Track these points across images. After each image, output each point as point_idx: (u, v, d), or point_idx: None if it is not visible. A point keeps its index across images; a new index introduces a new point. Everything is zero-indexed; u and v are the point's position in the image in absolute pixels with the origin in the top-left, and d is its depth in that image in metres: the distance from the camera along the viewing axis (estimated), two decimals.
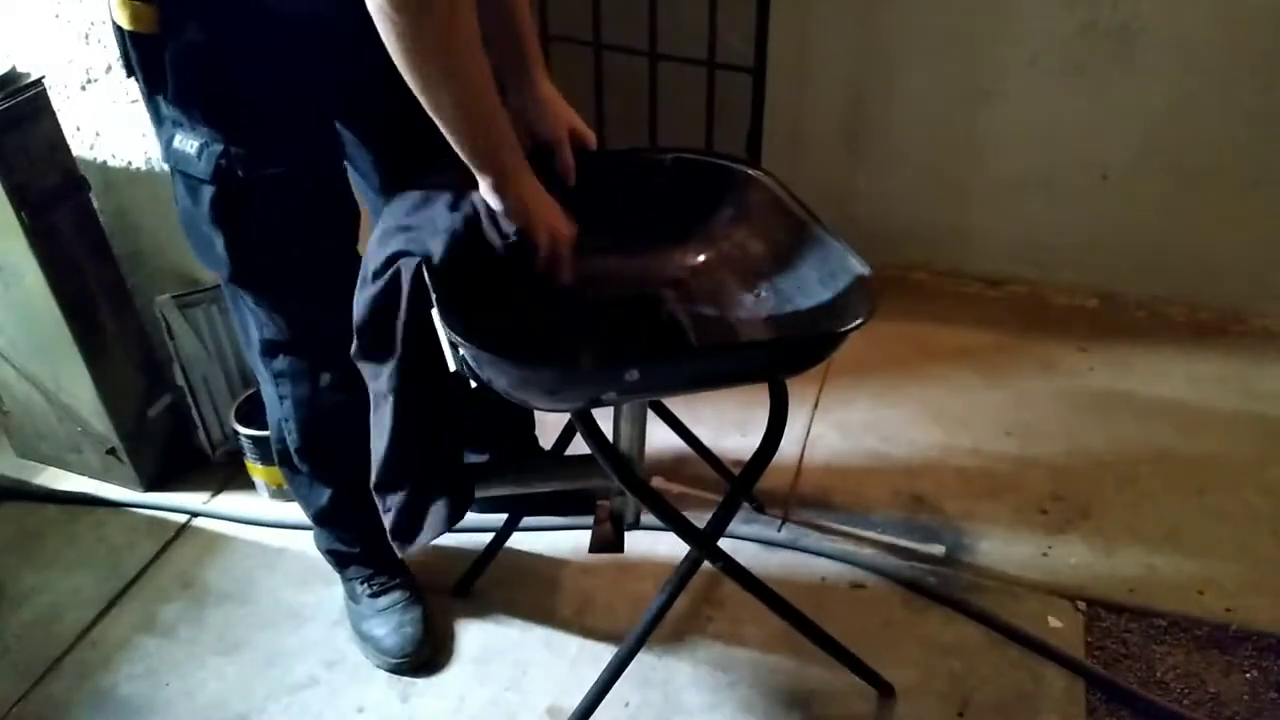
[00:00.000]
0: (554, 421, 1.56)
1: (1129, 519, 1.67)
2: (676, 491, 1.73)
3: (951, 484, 1.77)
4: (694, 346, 1.18)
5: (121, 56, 1.13)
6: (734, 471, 1.62)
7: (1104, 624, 1.49)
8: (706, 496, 1.71)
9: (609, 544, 1.31)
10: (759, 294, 1.20)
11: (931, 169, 2.26)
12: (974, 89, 2.14)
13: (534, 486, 1.37)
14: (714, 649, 1.47)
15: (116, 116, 1.63)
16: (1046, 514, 1.69)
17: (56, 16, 1.55)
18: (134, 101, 1.60)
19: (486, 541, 1.58)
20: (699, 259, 1.28)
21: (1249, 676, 1.41)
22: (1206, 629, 1.47)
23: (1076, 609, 1.52)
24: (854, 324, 0.99)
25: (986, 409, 1.95)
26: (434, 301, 1.02)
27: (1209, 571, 1.57)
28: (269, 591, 1.60)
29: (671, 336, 1.21)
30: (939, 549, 1.63)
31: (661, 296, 1.26)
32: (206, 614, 1.56)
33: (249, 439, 1.69)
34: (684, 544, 1.22)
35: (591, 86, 2.05)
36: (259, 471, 1.74)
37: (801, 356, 1.04)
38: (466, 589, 1.57)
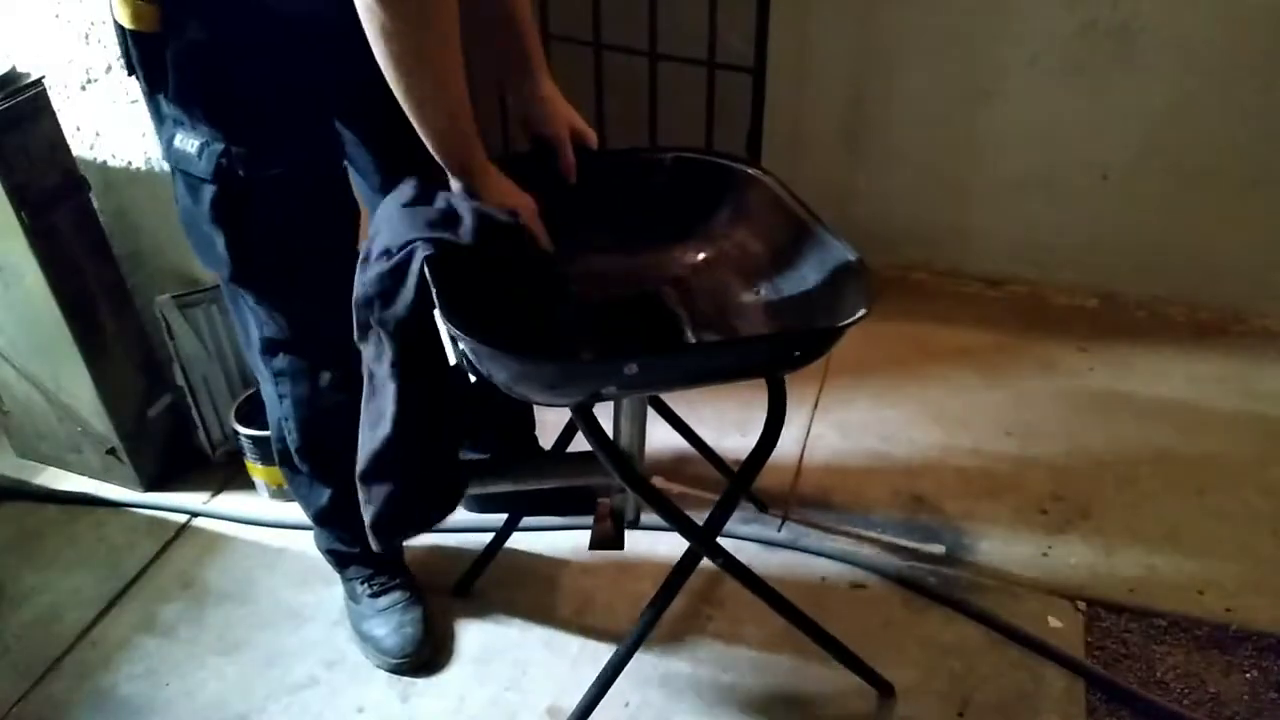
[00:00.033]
0: (554, 421, 1.56)
1: (1129, 519, 1.67)
2: (676, 491, 1.73)
3: (951, 484, 1.77)
4: (693, 341, 1.18)
5: (123, 55, 1.13)
6: (734, 470, 1.63)
7: (1104, 624, 1.49)
8: (707, 496, 1.70)
9: (609, 542, 1.31)
10: (759, 293, 1.20)
11: (931, 169, 2.26)
12: (974, 89, 2.14)
13: (534, 484, 1.37)
14: (714, 649, 1.47)
15: (116, 116, 1.63)
16: (1046, 514, 1.69)
17: (56, 16, 1.55)
18: (134, 101, 1.60)
19: (486, 541, 1.58)
20: (699, 258, 1.28)
21: (1249, 676, 1.41)
22: (1206, 629, 1.47)
23: (1076, 609, 1.52)
24: (852, 319, 0.99)
25: (986, 409, 1.95)
26: (434, 299, 1.01)
27: (1209, 571, 1.57)
28: (269, 591, 1.60)
29: (671, 335, 1.21)
30: (939, 549, 1.63)
31: (662, 295, 1.26)
32: (206, 614, 1.56)
33: (249, 439, 1.69)
34: (684, 544, 1.23)
35: (591, 86, 2.05)
36: (259, 471, 1.74)
37: (800, 351, 1.04)
38: (466, 589, 1.57)
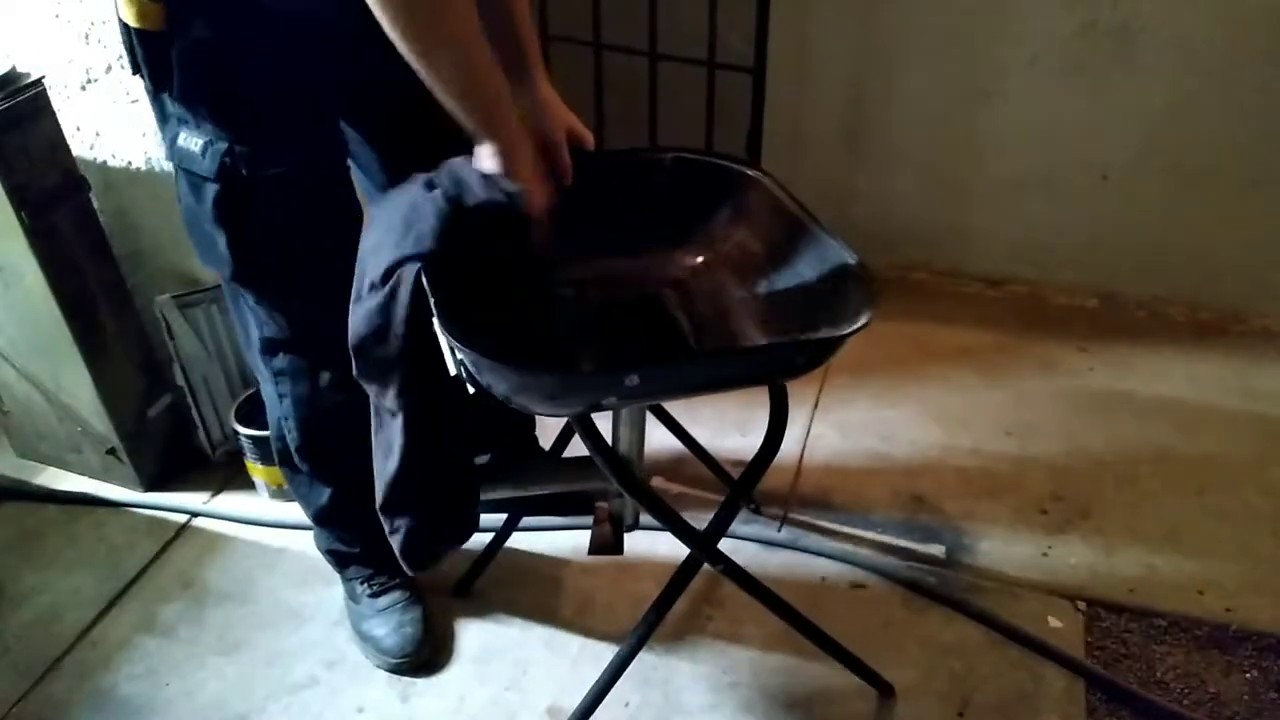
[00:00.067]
0: (554, 422, 1.56)
1: (1129, 519, 1.67)
2: (675, 492, 1.73)
3: (951, 484, 1.77)
4: (694, 352, 1.18)
5: (127, 54, 1.13)
6: (734, 472, 1.63)
7: (1104, 624, 1.49)
8: (706, 497, 1.71)
9: (608, 546, 1.31)
10: (759, 295, 1.20)
11: (931, 169, 2.26)
12: (974, 89, 2.14)
13: (533, 488, 1.37)
14: (714, 649, 1.47)
15: (116, 116, 1.63)
16: (1046, 514, 1.69)
17: (56, 16, 1.55)
18: (134, 101, 1.60)
19: (486, 541, 1.58)
20: (698, 259, 1.28)
21: (1249, 676, 1.41)
22: (1206, 629, 1.47)
23: (1076, 609, 1.52)
24: (854, 328, 0.99)
25: (986, 409, 1.95)
26: (433, 308, 1.01)
27: (1209, 571, 1.57)
28: (269, 591, 1.60)
29: (671, 339, 1.20)
30: (939, 549, 1.63)
31: (662, 298, 1.25)
32: (206, 614, 1.56)
33: (249, 439, 1.69)
34: (684, 544, 1.23)
35: (591, 86, 2.05)
36: (259, 471, 1.74)
37: (802, 360, 1.03)
38: (466, 589, 1.57)
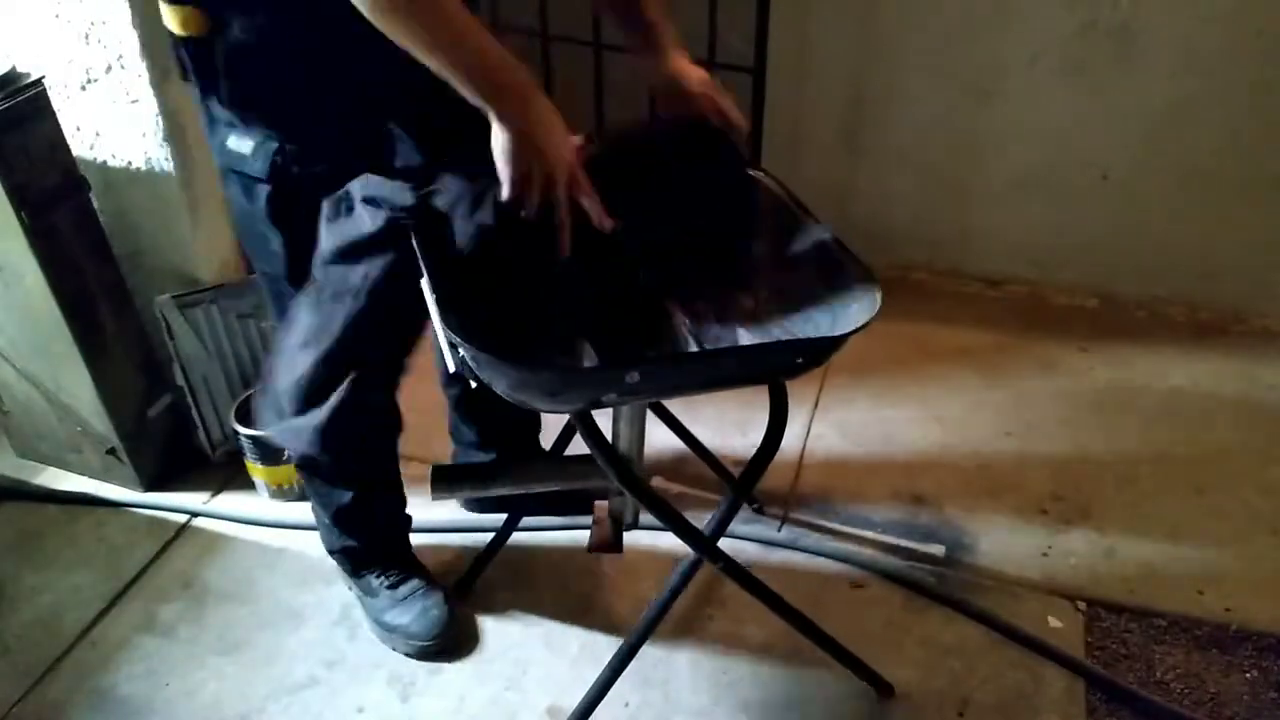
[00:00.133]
0: (554, 421, 1.56)
1: (1129, 519, 1.67)
2: (676, 491, 1.73)
3: (951, 484, 1.76)
4: (694, 350, 1.18)
5: (177, 64, 1.15)
6: (735, 472, 1.63)
7: (1104, 624, 1.49)
8: (706, 496, 1.71)
9: (607, 545, 1.31)
10: (759, 295, 1.20)
11: (931, 169, 2.26)
12: (974, 89, 2.13)
13: (533, 487, 1.37)
14: (714, 649, 1.47)
15: (116, 116, 1.63)
16: (1046, 514, 1.69)
17: (56, 16, 1.55)
18: (134, 101, 1.60)
19: (486, 541, 1.58)
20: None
21: (1249, 676, 1.41)
22: (1206, 629, 1.48)
23: (1076, 609, 1.52)
24: (854, 328, 0.99)
25: (986, 409, 1.95)
26: (424, 271, 1.02)
27: (1209, 571, 1.57)
28: (269, 591, 1.60)
29: (671, 336, 1.20)
30: (939, 549, 1.63)
31: (662, 297, 1.25)
32: (206, 614, 1.56)
33: (249, 439, 1.69)
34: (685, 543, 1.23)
35: (591, 86, 2.05)
36: (259, 471, 1.74)
37: (802, 359, 1.03)
38: (466, 589, 1.57)
